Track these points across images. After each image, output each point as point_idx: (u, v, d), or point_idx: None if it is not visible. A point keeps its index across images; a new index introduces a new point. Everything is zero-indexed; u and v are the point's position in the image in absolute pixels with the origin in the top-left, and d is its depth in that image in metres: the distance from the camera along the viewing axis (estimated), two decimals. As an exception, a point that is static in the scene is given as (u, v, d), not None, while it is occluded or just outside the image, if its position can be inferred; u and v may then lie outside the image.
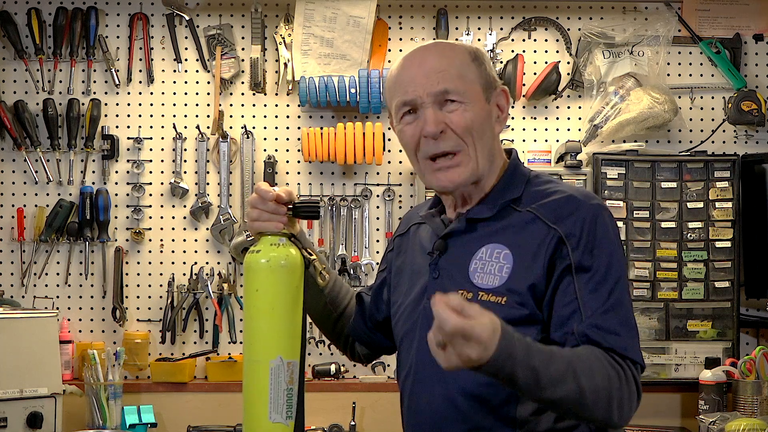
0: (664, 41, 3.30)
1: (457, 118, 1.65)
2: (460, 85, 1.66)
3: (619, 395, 1.52)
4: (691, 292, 3.15)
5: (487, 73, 1.70)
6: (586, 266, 1.58)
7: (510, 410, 1.61)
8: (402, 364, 1.78)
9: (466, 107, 1.66)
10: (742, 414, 2.91)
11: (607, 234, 1.61)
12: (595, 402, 1.49)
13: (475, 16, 3.36)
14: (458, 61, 1.68)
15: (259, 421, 1.61)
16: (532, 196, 1.67)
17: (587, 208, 1.62)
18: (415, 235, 1.84)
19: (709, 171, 3.20)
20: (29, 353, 2.80)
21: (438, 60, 1.67)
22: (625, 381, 1.53)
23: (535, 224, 1.62)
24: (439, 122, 1.65)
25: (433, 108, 1.66)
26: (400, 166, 3.34)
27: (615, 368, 1.53)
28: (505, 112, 1.74)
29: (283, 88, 3.32)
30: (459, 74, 1.66)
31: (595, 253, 1.58)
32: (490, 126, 1.70)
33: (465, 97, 1.66)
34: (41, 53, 3.30)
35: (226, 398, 3.18)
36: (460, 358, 1.34)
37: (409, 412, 1.74)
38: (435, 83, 1.65)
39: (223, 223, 3.29)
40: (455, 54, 1.69)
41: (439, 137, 1.65)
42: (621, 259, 1.62)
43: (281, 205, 1.69)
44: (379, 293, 1.93)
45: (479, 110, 1.67)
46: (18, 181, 3.32)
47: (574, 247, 1.58)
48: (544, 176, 1.74)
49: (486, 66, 1.71)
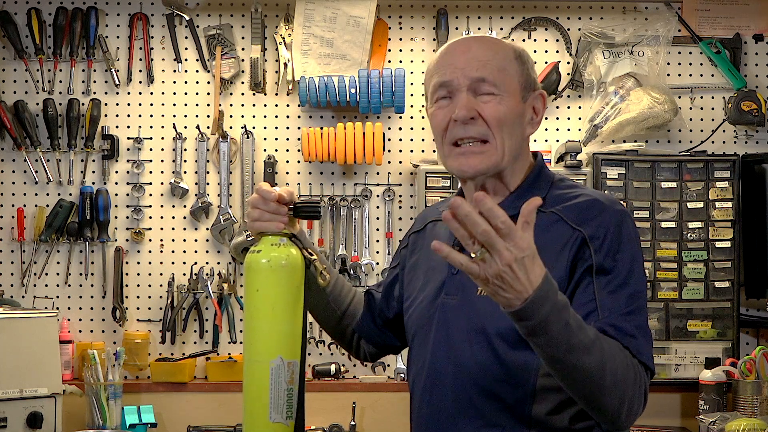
0: (664, 41, 3.30)
1: (490, 109, 1.65)
2: (498, 76, 1.66)
3: (631, 392, 1.51)
4: (691, 292, 3.15)
5: (528, 74, 1.71)
6: (608, 268, 1.57)
7: (525, 409, 1.60)
8: (414, 359, 1.77)
9: (501, 100, 1.65)
10: (742, 414, 2.91)
11: (630, 240, 1.61)
12: (612, 386, 1.47)
13: (475, 16, 3.36)
14: (501, 55, 1.68)
15: (259, 421, 1.60)
16: (556, 198, 1.66)
17: (612, 212, 1.62)
18: (432, 232, 1.84)
19: (709, 171, 3.20)
20: (29, 353, 2.80)
21: (482, 50, 1.68)
22: (638, 381, 1.53)
23: (558, 225, 1.62)
24: (471, 108, 1.65)
25: (467, 93, 1.65)
26: (400, 166, 3.34)
27: (632, 363, 1.52)
28: (540, 116, 1.74)
29: (283, 88, 3.32)
30: (500, 67, 1.66)
31: (618, 258, 1.58)
32: (522, 125, 1.70)
33: (501, 89, 1.65)
34: (41, 53, 3.30)
35: (226, 398, 3.18)
36: (500, 263, 1.33)
37: (421, 407, 1.73)
38: (474, 70, 1.65)
39: (223, 223, 3.29)
40: (500, 48, 1.69)
41: (468, 122, 1.65)
42: (642, 266, 1.62)
43: (282, 205, 1.69)
44: (391, 290, 1.92)
45: (513, 106, 1.67)
46: (18, 181, 3.32)
47: (597, 249, 1.58)
48: (569, 180, 1.74)
49: (528, 67, 1.71)
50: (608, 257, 1.58)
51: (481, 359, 1.62)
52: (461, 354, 1.65)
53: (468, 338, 1.64)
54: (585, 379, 1.46)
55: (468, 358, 1.64)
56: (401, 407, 3.01)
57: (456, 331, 1.66)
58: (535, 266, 1.37)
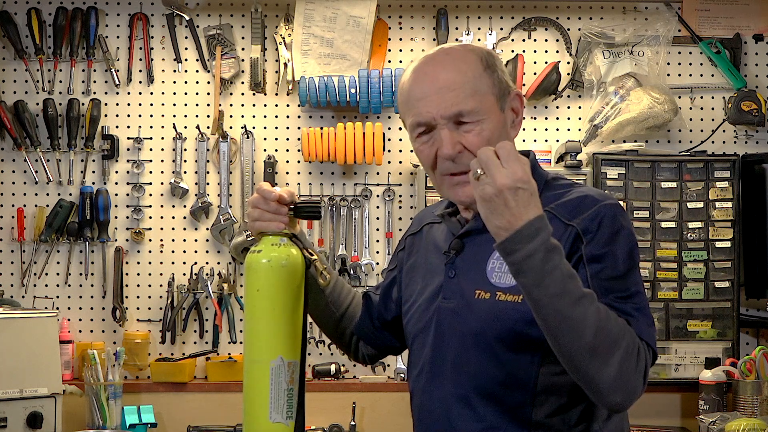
0: (664, 41, 3.30)
1: (474, 139, 1.62)
2: (474, 103, 1.62)
3: (626, 362, 1.46)
4: (691, 292, 3.15)
5: (499, 80, 1.67)
6: (601, 256, 1.56)
7: (525, 412, 1.59)
8: (414, 362, 1.77)
9: (483, 125, 1.63)
10: (742, 414, 2.91)
11: (624, 230, 1.60)
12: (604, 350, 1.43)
13: (475, 16, 3.36)
14: (471, 74, 1.64)
15: (259, 421, 1.60)
16: (549, 197, 1.65)
17: (604, 206, 1.61)
18: (428, 235, 1.83)
19: (709, 171, 3.20)
20: (29, 353, 2.80)
21: (450, 75, 1.64)
22: (635, 354, 1.48)
23: (552, 223, 1.61)
24: (456, 144, 1.63)
25: (448, 129, 1.63)
26: (400, 166, 3.34)
27: (630, 334, 1.49)
28: (520, 115, 1.72)
29: (283, 88, 3.32)
30: (473, 90, 1.63)
31: (611, 247, 1.57)
32: (506, 134, 1.68)
33: (480, 114, 1.63)
34: (41, 53, 3.30)
35: (226, 398, 3.18)
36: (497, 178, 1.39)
37: (421, 410, 1.73)
38: (449, 105, 1.62)
39: (223, 223, 3.29)
40: (468, 66, 1.65)
41: (456, 158, 1.63)
42: (636, 256, 1.61)
43: (282, 205, 1.69)
44: (389, 292, 1.92)
45: (495, 124, 1.65)
46: (18, 181, 3.32)
47: (590, 240, 1.57)
48: (563, 178, 1.73)
49: (498, 72, 1.68)
50: (601, 246, 1.57)
51: (480, 362, 1.62)
52: (460, 358, 1.65)
53: (467, 341, 1.64)
54: (571, 330, 1.42)
55: (467, 362, 1.64)
56: (401, 407, 3.02)
57: (454, 335, 1.66)
58: (531, 203, 1.42)
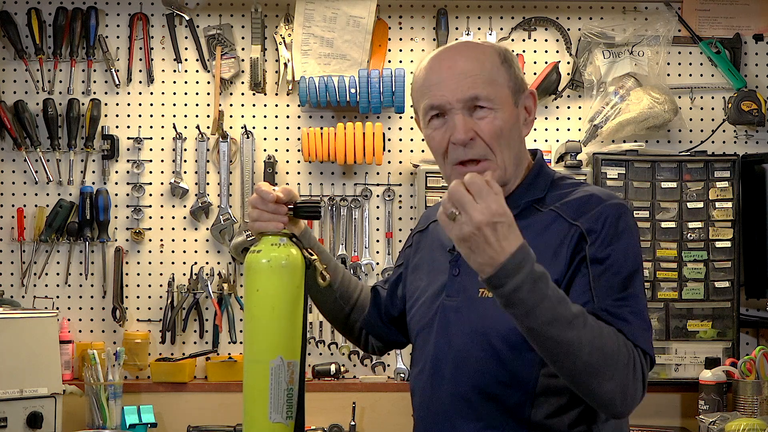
0: (664, 41, 3.30)
1: (487, 126, 1.63)
2: (490, 91, 1.63)
3: (624, 374, 1.49)
4: (691, 292, 3.15)
5: (516, 76, 1.69)
6: (603, 258, 1.57)
7: (524, 412, 1.60)
8: (416, 359, 1.78)
9: (496, 114, 1.64)
10: (742, 414, 2.91)
11: (627, 230, 1.60)
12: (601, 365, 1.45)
13: (475, 16, 3.36)
14: (489, 65, 1.65)
15: (259, 421, 1.60)
16: (555, 196, 1.66)
17: (609, 205, 1.61)
18: (434, 232, 1.84)
19: (709, 171, 3.20)
20: (29, 353, 2.80)
21: (469, 63, 1.65)
22: (632, 365, 1.50)
23: (557, 222, 1.62)
24: (469, 129, 1.63)
25: (462, 114, 1.63)
26: (400, 166, 3.34)
27: (626, 346, 1.50)
28: (533, 115, 1.73)
29: (283, 88, 3.32)
30: (489, 79, 1.64)
31: (613, 247, 1.57)
32: (518, 130, 1.69)
33: (495, 103, 1.64)
34: (41, 53, 3.30)
35: (226, 398, 3.18)
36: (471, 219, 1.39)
37: (422, 407, 1.74)
38: (465, 89, 1.63)
39: (223, 223, 3.29)
40: (486, 57, 1.66)
41: (468, 144, 1.64)
42: (639, 257, 1.61)
43: (282, 205, 1.69)
44: (395, 289, 1.93)
45: (508, 116, 1.65)
46: (18, 181, 3.32)
47: (594, 241, 1.58)
48: (570, 178, 1.74)
49: (515, 68, 1.69)
50: (604, 247, 1.57)
51: (481, 361, 1.63)
52: (462, 356, 1.65)
53: (469, 340, 1.64)
54: (567, 354, 1.45)
55: (468, 360, 1.64)
56: (401, 407, 3.02)
57: (457, 333, 1.67)
58: (511, 235, 1.40)
